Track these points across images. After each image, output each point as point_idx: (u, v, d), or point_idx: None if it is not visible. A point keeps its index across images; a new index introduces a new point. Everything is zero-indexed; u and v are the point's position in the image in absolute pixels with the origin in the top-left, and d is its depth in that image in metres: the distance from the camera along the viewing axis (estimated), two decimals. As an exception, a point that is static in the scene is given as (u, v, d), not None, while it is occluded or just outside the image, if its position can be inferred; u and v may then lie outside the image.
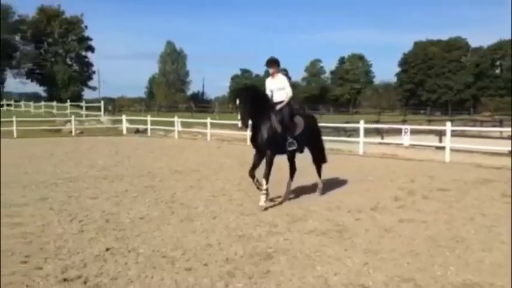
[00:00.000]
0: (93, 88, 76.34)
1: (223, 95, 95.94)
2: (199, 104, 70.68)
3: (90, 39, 73.64)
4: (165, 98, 76.57)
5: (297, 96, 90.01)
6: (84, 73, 74.75)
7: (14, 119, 26.81)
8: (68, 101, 48.92)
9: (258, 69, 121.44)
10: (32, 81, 71.41)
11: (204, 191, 9.07)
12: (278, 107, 7.83)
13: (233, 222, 6.67)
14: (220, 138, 23.92)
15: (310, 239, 5.83)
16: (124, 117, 30.36)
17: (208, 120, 24.16)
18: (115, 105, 61.56)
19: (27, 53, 69.34)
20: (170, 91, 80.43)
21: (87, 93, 73.79)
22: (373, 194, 8.87)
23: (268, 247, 5.50)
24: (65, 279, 4.46)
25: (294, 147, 7.84)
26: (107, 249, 5.39)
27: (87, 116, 40.85)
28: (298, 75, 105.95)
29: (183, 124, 27.15)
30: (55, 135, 27.71)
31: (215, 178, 10.82)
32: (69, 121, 29.74)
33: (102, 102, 45.64)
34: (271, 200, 8.08)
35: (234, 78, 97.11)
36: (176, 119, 26.38)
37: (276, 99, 7.95)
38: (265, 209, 7.48)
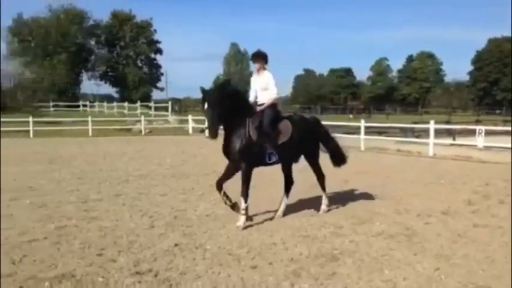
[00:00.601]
0: (161, 89, 78.97)
1: (286, 95, 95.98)
2: (263, 104, 71.00)
3: (159, 42, 76.27)
4: (230, 98, 77.72)
5: (362, 96, 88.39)
6: (153, 75, 77.55)
7: (89, 118, 28.44)
8: (138, 101, 51.02)
9: (322, 68, 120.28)
10: (105, 83, 75.08)
11: (268, 191, 9.11)
12: (258, 109, 6.67)
13: (297, 222, 6.65)
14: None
15: (378, 242, 5.69)
16: (190, 117, 31.18)
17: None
18: (181, 106, 63.42)
19: (102, 56, 73.02)
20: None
21: (155, 94, 76.48)
22: (445, 197, 8.50)
23: (333, 248, 5.43)
24: (137, 272, 4.66)
25: (274, 160, 6.62)
26: (176, 245, 5.56)
27: (155, 116, 42.43)
28: (363, 74, 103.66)
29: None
30: (126, 134, 29.02)
31: (278, 178, 10.82)
32: (139, 121, 31.09)
33: (170, 103, 47.21)
34: (331, 201, 7.96)
35: (297, 78, 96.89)
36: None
37: (259, 100, 6.83)
38: (328, 210, 7.38)
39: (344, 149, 7.81)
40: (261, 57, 6.86)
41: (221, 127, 6.28)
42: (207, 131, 6.02)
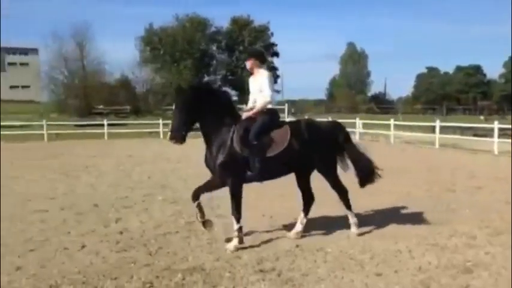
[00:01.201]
0: (277, 91, 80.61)
1: (407, 95, 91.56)
2: (381, 105, 68.82)
3: (275, 45, 77.88)
4: (346, 99, 76.64)
5: (493, 95, 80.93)
6: (270, 77, 79.37)
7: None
8: (256, 104, 52.44)
9: (447, 66, 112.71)
10: (225, 86, 78.79)
11: (389, 195, 8.77)
12: (244, 115, 5.78)
13: (423, 230, 6.29)
14: (404, 141, 22.89)
15: (518, 256, 5.15)
16: (307, 119, 31.26)
17: (392, 122, 23.34)
18: (297, 107, 64.01)
19: (222, 61, 76.71)
20: (351, 92, 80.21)
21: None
22: None
23: (466, 260, 5.04)
24: (261, 270, 4.79)
25: (254, 177, 5.61)
26: (297, 246, 5.61)
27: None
28: (495, 72, 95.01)
29: (364, 125, 26.79)
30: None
31: (400, 182, 10.37)
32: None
33: (286, 105, 47.89)
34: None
35: (420, 76, 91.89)
36: (358, 120, 26.17)
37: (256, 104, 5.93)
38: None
39: (372, 164, 6.19)
40: (252, 55, 6.04)
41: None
42: (168, 134, 5.49)
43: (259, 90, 5.88)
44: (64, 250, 5.53)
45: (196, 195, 5.82)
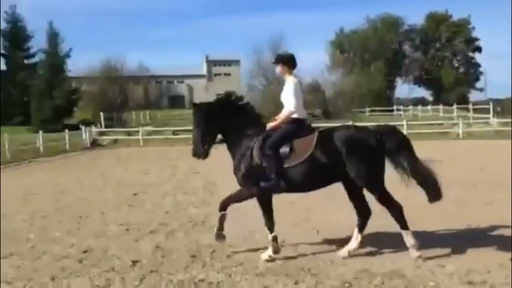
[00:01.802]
0: (480, 89, 73.11)
1: None
2: None
3: (477, 40, 70.88)
4: None
5: None
6: (471, 75, 72.58)
7: (404, 122, 28.98)
8: (455, 104, 48.69)
9: None
10: (419, 86, 74.72)
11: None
12: (269, 126, 5.41)
13: None
14: None
15: None
16: (517, 119, 27.62)
17: None
18: (503, 107, 57.03)
19: (416, 59, 73.06)
20: None
21: (473, 95, 71.32)
22: None
23: None
24: (469, 282, 4.40)
25: (266, 186, 5.16)
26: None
27: (474, 118, 39.47)
28: None
29: None
30: (441, 138, 28.12)
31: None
32: (456, 124, 29.66)
33: (491, 104, 43.14)
34: None
35: None
36: None
37: None
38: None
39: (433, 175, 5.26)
40: (281, 60, 5.53)
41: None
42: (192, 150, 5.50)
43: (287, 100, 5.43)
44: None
45: (224, 206, 5.54)
